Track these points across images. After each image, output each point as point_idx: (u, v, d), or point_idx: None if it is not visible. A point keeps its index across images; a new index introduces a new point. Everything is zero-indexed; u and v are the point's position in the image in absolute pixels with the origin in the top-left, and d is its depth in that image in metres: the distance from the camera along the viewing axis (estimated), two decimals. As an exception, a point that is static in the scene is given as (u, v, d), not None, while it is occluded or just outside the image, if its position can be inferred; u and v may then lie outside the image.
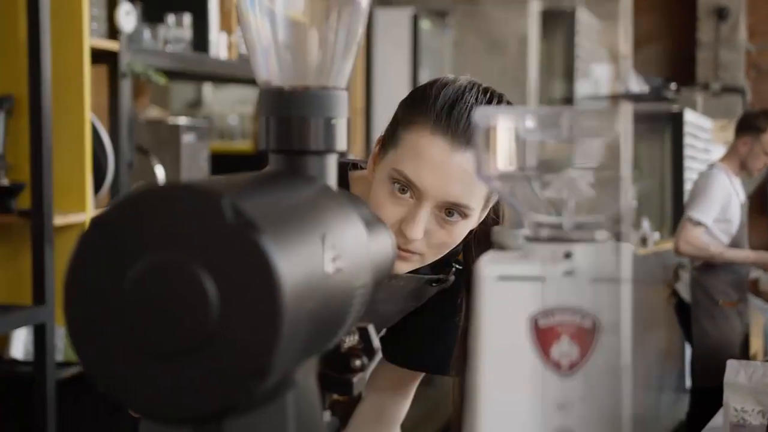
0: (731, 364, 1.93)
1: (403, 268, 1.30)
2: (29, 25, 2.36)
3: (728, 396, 1.88)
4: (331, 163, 0.81)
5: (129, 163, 2.72)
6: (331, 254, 0.69)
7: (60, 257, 2.39)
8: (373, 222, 0.85)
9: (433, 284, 1.42)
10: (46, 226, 2.32)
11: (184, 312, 0.61)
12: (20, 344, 2.58)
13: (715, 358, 4.26)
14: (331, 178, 0.81)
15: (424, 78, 5.74)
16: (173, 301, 0.61)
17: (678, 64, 8.56)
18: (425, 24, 5.18)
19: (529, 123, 0.71)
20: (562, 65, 7.23)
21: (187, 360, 0.61)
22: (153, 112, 3.85)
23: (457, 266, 1.43)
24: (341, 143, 0.81)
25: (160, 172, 2.94)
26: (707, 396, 4.36)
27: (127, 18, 2.64)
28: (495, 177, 0.72)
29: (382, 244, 0.85)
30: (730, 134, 8.26)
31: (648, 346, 4.65)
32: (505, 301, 0.68)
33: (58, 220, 2.41)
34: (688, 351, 4.84)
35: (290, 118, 0.79)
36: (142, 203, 0.62)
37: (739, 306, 4.48)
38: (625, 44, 5.53)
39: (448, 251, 1.31)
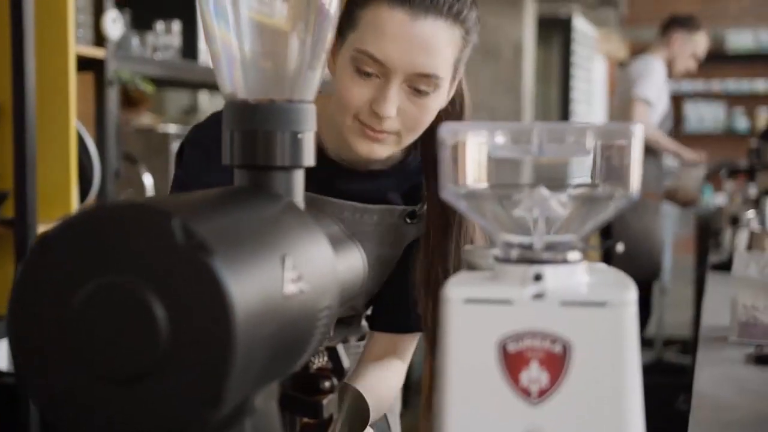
0: (740, 256, 1.82)
1: (381, 151, 1.28)
2: (13, 31, 2.33)
3: (737, 291, 1.75)
4: (298, 178, 0.78)
5: (116, 171, 2.69)
6: (292, 275, 0.66)
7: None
8: (341, 240, 0.82)
9: (408, 220, 1.39)
10: (30, 236, 2.29)
11: (133, 336, 0.58)
12: (4, 354, 2.55)
13: (636, 251, 4.27)
14: (298, 194, 0.78)
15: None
16: (121, 324, 0.58)
17: None
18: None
19: (499, 139, 0.68)
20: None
21: (136, 386, 0.58)
22: (146, 119, 3.82)
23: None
24: (308, 158, 0.78)
25: (148, 181, 2.91)
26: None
27: (114, 25, 2.61)
28: (462, 195, 0.69)
29: (351, 262, 0.82)
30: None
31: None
32: (473, 324, 0.66)
33: (43, 229, 2.38)
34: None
35: (255, 132, 0.76)
36: (91, 222, 0.59)
37: (658, 203, 4.55)
38: None
39: (421, 131, 1.28)
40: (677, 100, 10.12)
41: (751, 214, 3.06)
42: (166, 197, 0.65)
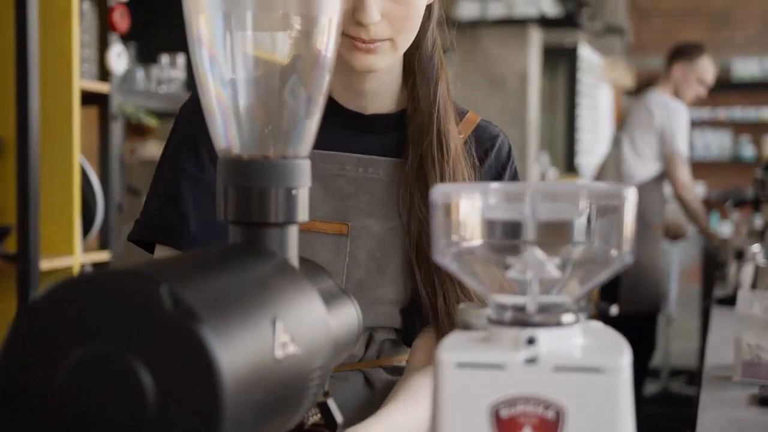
0: (743, 295, 1.79)
1: (379, 62, 1.20)
2: (18, 66, 2.34)
3: (741, 330, 1.72)
4: (292, 234, 0.78)
5: (118, 205, 2.69)
6: (284, 338, 0.66)
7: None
8: (335, 294, 0.82)
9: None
10: (32, 271, 2.28)
11: (120, 405, 0.57)
12: None
13: (640, 282, 4.25)
14: (292, 250, 0.78)
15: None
16: (108, 393, 0.57)
17: (561, 0, 8.62)
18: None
19: (491, 200, 0.68)
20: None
21: (124, 455, 0.57)
22: (152, 147, 3.82)
23: None
24: (303, 214, 0.78)
25: (151, 214, 2.90)
26: (633, 322, 4.35)
27: (119, 60, 2.62)
28: (454, 256, 0.68)
29: (345, 318, 0.81)
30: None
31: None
32: (466, 389, 0.65)
33: (45, 264, 2.38)
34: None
35: (249, 188, 0.76)
36: (78, 290, 0.59)
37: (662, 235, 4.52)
38: None
39: (415, 30, 1.21)
40: (683, 128, 10.12)
41: (756, 248, 3.05)
42: (154, 261, 0.65)
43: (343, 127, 1.29)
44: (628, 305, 4.13)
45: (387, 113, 1.31)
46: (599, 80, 8.09)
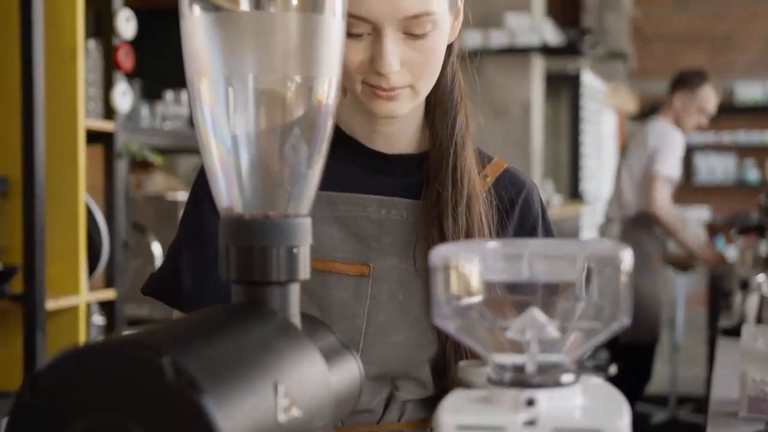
0: (747, 330, 1.78)
1: (400, 108, 1.19)
2: (23, 106, 2.36)
3: (745, 365, 1.70)
4: (294, 292, 0.79)
5: (124, 243, 2.70)
6: (286, 402, 0.66)
7: (52, 343, 2.36)
8: (337, 350, 0.82)
9: None
10: (38, 312, 2.29)
11: (124, 474, 0.58)
12: (12, 428, 2.54)
13: (643, 315, 4.24)
14: (293, 308, 0.78)
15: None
16: (112, 462, 0.58)
17: (563, 28, 8.66)
18: (427, 92, 5.18)
19: (490, 261, 0.68)
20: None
21: None
22: (158, 180, 3.84)
23: None
24: (304, 271, 0.79)
25: (157, 250, 2.92)
26: (634, 352, 4.32)
27: (124, 98, 2.64)
28: (454, 317, 0.69)
29: (347, 373, 0.82)
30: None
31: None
32: (466, 450, 0.65)
33: (51, 304, 2.39)
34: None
35: (251, 247, 0.77)
36: (82, 359, 0.60)
37: (662, 266, 4.53)
38: None
39: (435, 74, 1.19)
40: (687, 152, 10.16)
41: (761, 277, 3.04)
42: (157, 327, 0.65)
43: (366, 168, 1.28)
44: (625, 335, 4.12)
45: (410, 154, 1.30)
46: (603, 106, 8.12)
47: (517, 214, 1.29)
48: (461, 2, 1.24)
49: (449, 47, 1.26)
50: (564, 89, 7.13)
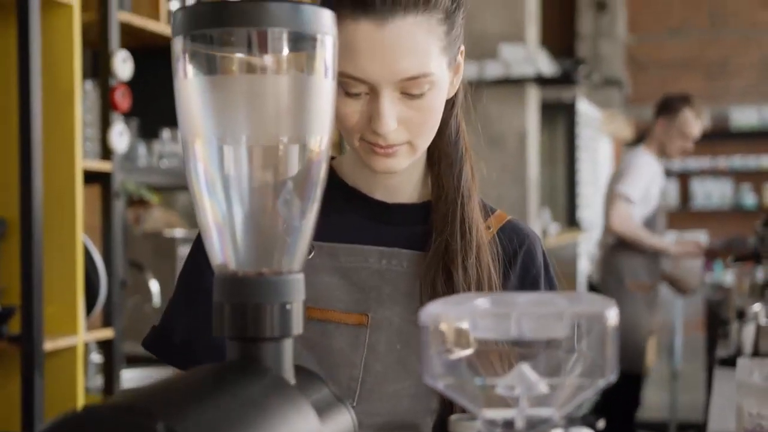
0: (742, 363, 1.78)
1: (398, 164, 1.19)
2: (21, 147, 2.38)
3: (741, 399, 1.71)
4: (287, 347, 0.80)
5: (122, 282, 2.71)
6: (279, 460, 0.68)
7: (50, 383, 2.37)
8: (330, 403, 0.83)
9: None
10: (36, 353, 2.30)
11: None
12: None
13: (622, 343, 4.19)
14: (287, 363, 0.80)
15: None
16: None
17: (558, 55, 8.71)
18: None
19: (479, 320, 0.70)
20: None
21: None
22: (156, 215, 3.85)
23: None
24: (297, 327, 0.80)
25: (155, 288, 2.93)
26: (620, 381, 4.28)
27: (121, 138, 2.66)
28: (443, 374, 0.70)
29: (341, 427, 0.83)
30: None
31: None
32: (457, 507, 0.67)
33: (49, 344, 2.40)
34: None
35: (245, 305, 0.78)
36: (77, 426, 0.61)
37: (650, 293, 4.44)
38: (531, 24, 5.48)
39: (433, 131, 1.20)
40: (684, 178, 10.22)
41: (757, 307, 3.05)
42: (151, 389, 0.67)
43: (368, 218, 1.29)
44: None
45: (412, 203, 1.30)
46: (598, 133, 8.15)
47: (519, 266, 1.30)
48: (461, 57, 1.24)
49: (453, 100, 1.27)
50: (559, 117, 7.17)
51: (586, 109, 7.47)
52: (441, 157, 1.28)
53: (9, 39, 2.43)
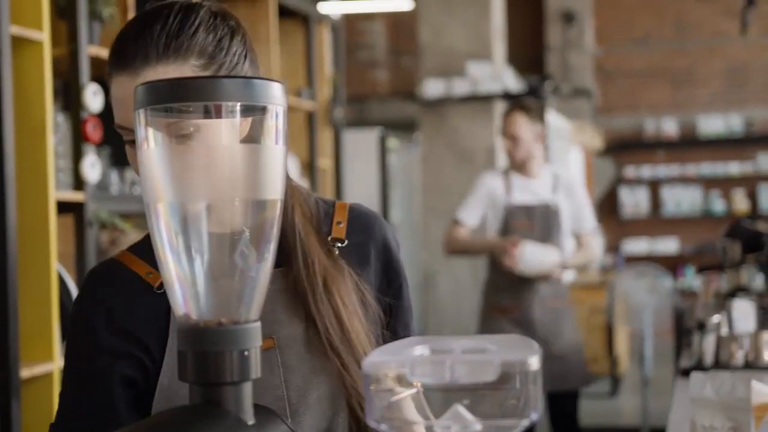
0: (696, 377, 1.83)
1: None
2: (-5, 181, 2.43)
3: (694, 413, 1.76)
4: (246, 390, 0.87)
5: (96, 308, 2.76)
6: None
7: (27, 410, 2.42)
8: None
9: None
10: (13, 380, 2.36)
11: None
12: None
13: (564, 363, 4.05)
14: (246, 404, 0.87)
15: (395, 195, 5.89)
16: None
17: (527, 67, 8.81)
18: (392, 142, 5.31)
19: (417, 367, 0.77)
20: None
21: None
22: (132, 237, 3.90)
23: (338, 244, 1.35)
24: (255, 371, 0.87)
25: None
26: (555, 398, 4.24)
27: (93, 169, 2.72)
28: (385, 416, 0.78)
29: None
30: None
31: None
32: None
33: (25, 372, 2.45)
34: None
35: (206, 352, 0.85)
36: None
37: (517, 314, 4.11)
38: (497, 41, 5.52)
39: None
40: (654, 185, 10.37)
41: (717, 318, 3.13)
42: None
43: None
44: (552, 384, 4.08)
45: None
46: (569, 144, 8.26)
47: (381, 250, 1.37)
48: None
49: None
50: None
51: (555, 121, 7.57)
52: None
53: (-19, 74, 2.49)
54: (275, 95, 0.87)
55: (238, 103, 0.85)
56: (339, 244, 1.33)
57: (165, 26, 1.21)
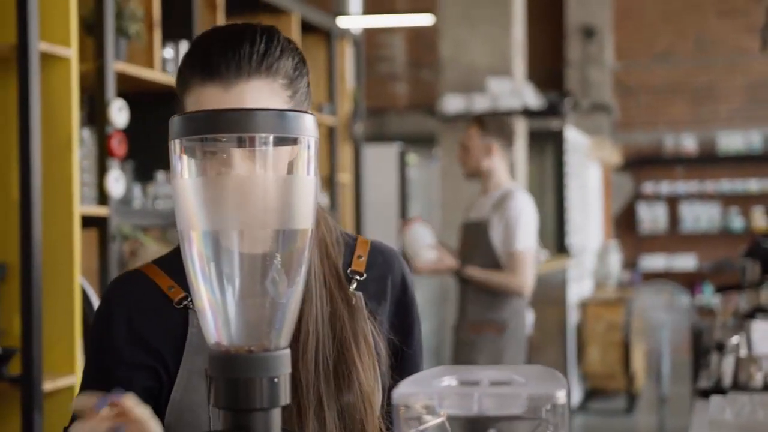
0: (715, 401, 1.84)
1: None
2: (21, 195, 2.46)
3: None
4: (276, 416, 0.89)
5: (118, 322, 2.78)
6: None
7: (50, 423, 2.44)
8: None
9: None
10: (36, 393, 2.38)
11: None
12: None
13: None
14: (275, 431, 0.89)
15: (414, 210, 5.89)
16: None
17: (547, 82, 8.80)
18: (412, 158, 5.32)
19: (445, 399, 0.79)
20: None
21: None
22: (153, 249, 3.92)
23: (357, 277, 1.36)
24: (285, 397, 0.89)
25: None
26: None
27: (117, 184, 2.75)
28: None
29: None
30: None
31: None
32: None
33: (48, 385, 2.48)
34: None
35: (237, 379, 0.87)
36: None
37: (495, 334, 3.99)
38: (517, 57, 5.52)
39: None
40: (673, 202, 10.33)
41: (736, 339, 3.12)
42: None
43: None
44: None
45: None
46: (587, 159, 8.26)
47: (398, 287, 1.39)
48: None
49: None
50: (548, 146, 7.26)
51: (574, 136, 7.57)
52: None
53: (10, 90, 2.52)
54: (307, 127, 0.89)
55: (271, 135, 0.87)
56: (358, 278, 1.34)
57: (254, 44, 1.23)
